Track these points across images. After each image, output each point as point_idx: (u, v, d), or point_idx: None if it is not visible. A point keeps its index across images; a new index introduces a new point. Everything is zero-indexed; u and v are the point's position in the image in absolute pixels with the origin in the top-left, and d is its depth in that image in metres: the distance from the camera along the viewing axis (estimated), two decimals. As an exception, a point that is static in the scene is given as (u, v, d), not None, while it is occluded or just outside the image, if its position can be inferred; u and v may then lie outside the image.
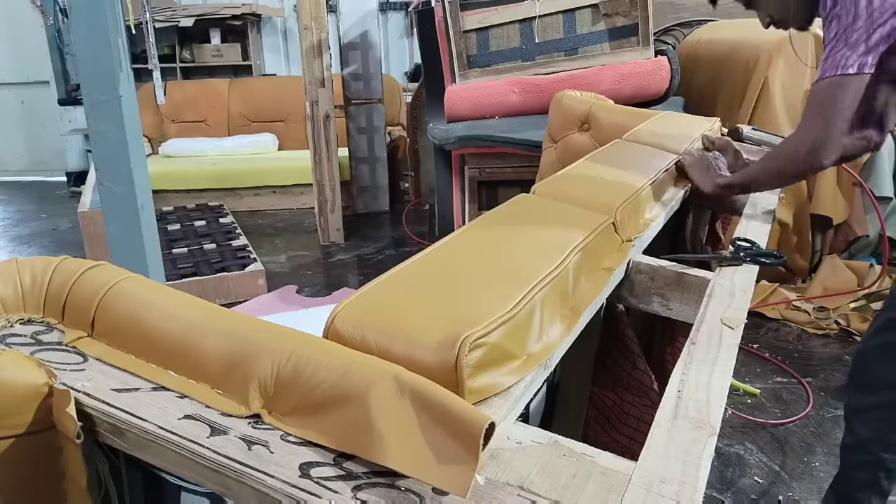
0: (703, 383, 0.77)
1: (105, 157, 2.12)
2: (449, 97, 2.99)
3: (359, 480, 0.56)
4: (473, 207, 2.89)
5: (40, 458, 0.67)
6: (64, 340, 0.76)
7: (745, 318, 0.97)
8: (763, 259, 1.11)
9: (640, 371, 1.15)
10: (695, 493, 0.58)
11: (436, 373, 0.64)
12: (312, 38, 3.94)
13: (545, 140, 2.15)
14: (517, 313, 0.74)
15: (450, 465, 0.54)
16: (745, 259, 1.11)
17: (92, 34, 1.98)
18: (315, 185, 4.16)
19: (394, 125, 5.54)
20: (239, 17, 6.01)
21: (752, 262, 1.11)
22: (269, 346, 0.67)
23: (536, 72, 3.02)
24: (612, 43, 3.01)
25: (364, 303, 0.76)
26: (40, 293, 0.80)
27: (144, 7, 2.70)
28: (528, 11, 3.00)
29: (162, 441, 0.61)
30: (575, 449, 0.63)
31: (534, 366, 0.74)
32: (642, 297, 1.16)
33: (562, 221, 1.09)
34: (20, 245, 4.41)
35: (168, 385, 0.69)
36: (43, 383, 0.66)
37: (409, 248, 4.18)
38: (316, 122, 4.05)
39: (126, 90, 2.07)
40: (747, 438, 2.14)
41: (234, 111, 5.75)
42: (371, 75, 4.63)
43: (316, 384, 0.62)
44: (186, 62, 6.12)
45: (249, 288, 3.34)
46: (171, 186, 4.92)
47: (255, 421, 0.63)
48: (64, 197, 5.67)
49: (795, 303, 2.97)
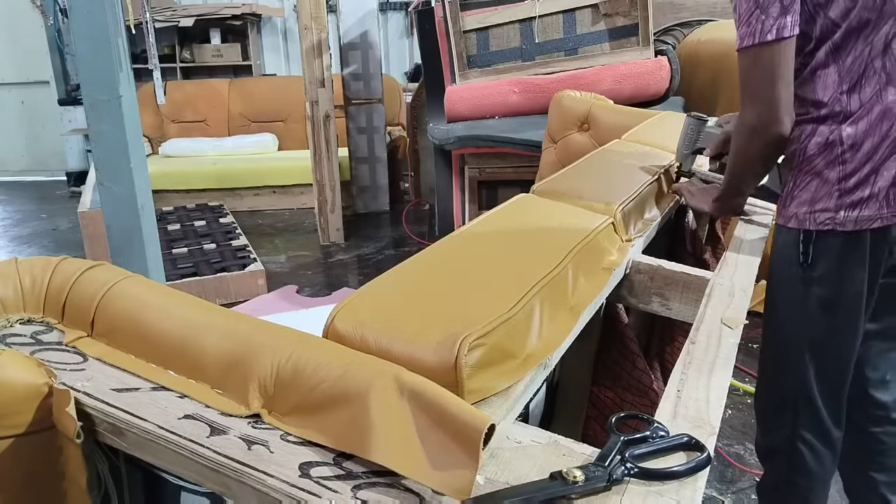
0: (702, 383, 0.78)
1: (105, 157, 2.12)
2: (449, 97, 2.99)
3: (358, 480, 0.56)
4: (473, 207, 2.89)
5: (40, 458, 0.67)
6: (64, 340, 0.76)
7: (745, 318, 0.97)
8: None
9: (639, 371, 1.15)
10: (694, 492, 0.58)
11: (435, 372, 0.64)
12: (312, 38, 3.94)
13: (545, 140, 2.15)
14: (517, 313, 0.74)
15: (450, 469, 0.54)
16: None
17: (92, 34, 1.98)
18: (315, 185, 4.16)
19: (394, 125, 5.54)
20: (239, 17, 6.01)
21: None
22: (269, 346, 0.67)
23: (536, 72, 3.02)
24: (612, 43, 3.01)
25: (364, 303, 0.76)
26: (40, 293, 0.80)
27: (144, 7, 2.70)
28: (528, 11, 3.00)
29: (162, 441, 0.61)
30: (574, 448, 0.64)
31: (533, 365, 0.74)
32: (642, 297, 1.16)
33: (562, 221, 1.09)
34: (20, 245, 4.41)
35: (168, 385, 0.69)
36: (43, 383, 0.66)
37: (409, 248, 4.18)
38: (316, 122, 4.05)
39: (126, 90, 2.07)
40: (747, 438, 2.13)
41: (234, 111, 5.75)
42: (371, 75, 4.63)
43: (316, 384, 0.62)
44: (186, 62, 6.11)
45: (249, 288, 3.33)
46: (171, 186, 4.91)
47: (254, 421, 0.63)
48: (64, 197, 5.67)
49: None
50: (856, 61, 1.08)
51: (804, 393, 1.23)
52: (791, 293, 1.21)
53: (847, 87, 1.10)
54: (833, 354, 1.21)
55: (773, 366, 1.30)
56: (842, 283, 1.15)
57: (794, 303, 1.21)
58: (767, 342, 1.31)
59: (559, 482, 0.56)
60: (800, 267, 1.17)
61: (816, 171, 1.13)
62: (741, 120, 1.15)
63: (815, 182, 1.14)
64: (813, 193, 1.14)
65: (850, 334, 1.19)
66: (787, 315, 1.23)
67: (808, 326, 1.20)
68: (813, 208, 1.13)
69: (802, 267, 1.17)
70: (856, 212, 1.10)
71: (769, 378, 1.33)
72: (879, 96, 1.09)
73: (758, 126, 1.11)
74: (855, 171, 1.10)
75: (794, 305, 1.21)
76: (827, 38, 1.09)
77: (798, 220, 1.15)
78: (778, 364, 1.28)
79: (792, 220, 1.17)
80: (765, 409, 1.35)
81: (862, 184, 1.10)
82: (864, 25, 1.06)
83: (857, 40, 1.07)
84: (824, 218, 1.12)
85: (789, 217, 1.17)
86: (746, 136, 1.15)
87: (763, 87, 1.09)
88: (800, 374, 1.22)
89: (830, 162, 1.11)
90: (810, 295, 1.17)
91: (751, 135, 1.14)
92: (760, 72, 1.08)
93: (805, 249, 1.15)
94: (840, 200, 1.11)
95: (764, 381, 1.35)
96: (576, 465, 0.59)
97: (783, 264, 1.21)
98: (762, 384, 1.36)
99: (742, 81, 1.12)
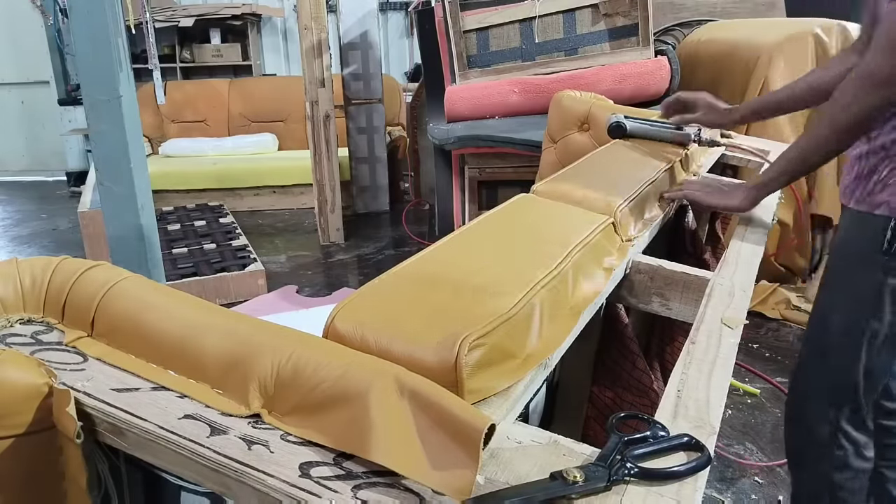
0: (702, 383, 0.78)
1: (105, 157, 2.12)
2: (449, 97, 2.99)
3: (359, 480, 0.56)
4: (473, 207, 2.89)
5: (40, 458, 0.67)
6: (64, 340, 0.76)
7: (745, 317, 0.97)
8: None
9: (639, 371, 1.15)
10: (694, 492, 0.58)
11: (435, 372, 0.64)
12: (312, 38, 3.94)
13: (545, 140, 2.15)
14: (517, 313, 0.74)
15: (450, 469, 0.54)
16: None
17: (92, 34, 1.98)
18: (315, 185, 4.16)
19: (394, 125, 5.54)
20: (239, 17, 6.01)
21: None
22: (269, 346, 0.67)
23: (536, 72, 3.02)
24: (612, 43, 3.01)
25: (364, 303, 0.76)
26: (40, 293, 0.80)
27: (144, 7, 2.70)
28: (528, 11, 3.00)
29: (162, 441, 0.61)
30: (575, 448, 0.63)
31: (533, 365, 0.74)
32: (642, 297, 1.16)
33: (562, 221, 1.09)
34: (20, 245, 4.41)
35: (168, 385, 0.69)
36: (43, 383, 0.66)
37: (409, 248, 4.18)
38: (316, 122, 4.05)
39: (126, 90, 2.07)
40: (747, 438, 2.14)
41: (234, 111, 5.75)
42: (371, 75, 4.63)
43: (316, 384, 0.62)
44: (186, 62, 6.12)
45: (249, 288, 3.34)
46: (171, 186, 4.92)
47: (254, 421, 0.63)
48: (64, 197, 5.67)
49: (795, 303, 2.97)
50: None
51: (851, 384, 1.21)
52: (867, 279, 1.19)
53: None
54: (889, 348, 1.19)
55: (822, 354, 1.27)
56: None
57: (868, 290, 1.18)
58: (820, 329, 1.28)
59: (559, 482, 0.56)
60: (882, 254, 1.16)
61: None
62: (865, 69, 1.06)
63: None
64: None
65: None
66: (856, 301, 1.21)
67: (876, 316, 1.18)
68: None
69: (886, 254, 1.15)
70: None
71: (815, 367, 1.29)
72: None
73: (886, 79, 1.03)
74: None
75: (868, 292, 1.19)
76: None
77: (890, 207, 1.15)
78: (829, 352, 1.25)
79: (882, 206, 1.16)
80: (802, 403, 1.32)
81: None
82: None
83: None
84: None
85: (878, 204, 1.16)
86: (862, 87, 1.07)
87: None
88: (850, 364, 1.20)
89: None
90: (887, 284, 1.16)
91: (875, 86, 1.05)
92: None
93: (893, 237, 1.14)
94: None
95: (807, 371, 1.31)
96: (576, 465, 0.59)
97: (864, 249, 1.19)
98: (802, 375, 1.32)
99: (886, 30, 1.03)
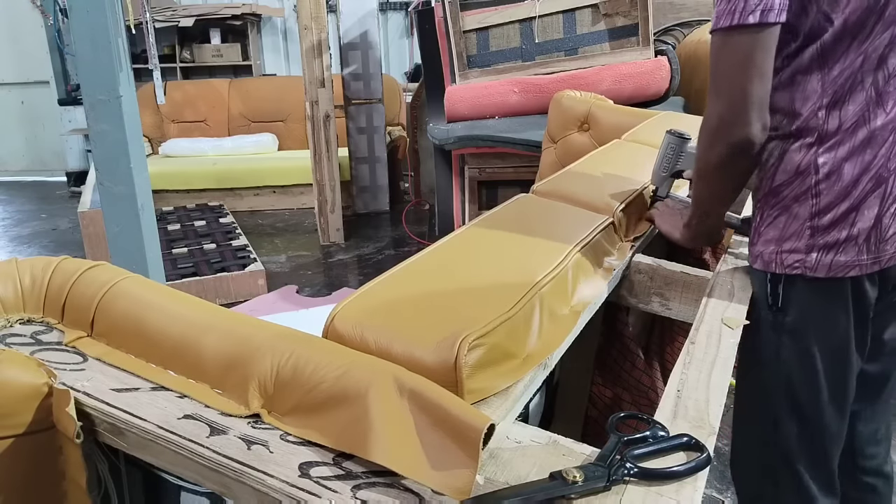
0: (702, 383, 0.78)
1: (105, 157, 2.12)
2: (449, 97, 2.99)
3: (358, 480, 0.56)
4: (473, 207, 2.89)
5: (40, 458, 0.67)
6: (64, 340, 0.76)
7: (745, 317, 0.97)
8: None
9: (639, 371, 1.16)
10: (694, 492, 0.58)
11: (435, 372, 0.64)
12: (312, 38, 3.94)
13: (545, 140, 2.15)
14: (517, 313, 0.74)
15: (450, 469, 0.54)
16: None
17: (92, 34, 1.98)
18: (315, 185, 4.16)
19: (394, 125, 5.54)
20: (239, 17, 6.01)
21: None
22: (269, 346, 0.67)
23: (536, 72, 3.02)
24: (612, 43, 3.01)
25: (364, 303, 0.76)
26: (40, 293, 0.80)
27: (144, 7, 2.70)
28: (528, 11, 3.00)
29: (162, 441, 0.61)
30: (574, 448, 0.64)
31: (533, 365, 0.74)
32: (642, 297, 1.16)
33: (562, 221, 1.10)
34: (20, 245, 4.41)
35: (168, 385, 0.69)
36: (43, 383, 0.66)
37: (409, 248, 4.18)
38: (316, 122, 4.05)
39: (126, 90, 2.07)
40: (747, 438, 2.14)
41: (234, 111, 5.75)
42: (371, 75, 4.63)
43: (315, 384, 0.62)
44: (186, 62, 6.11)
45: (249, 288, 3.33)
46: (171, 186, 4.91)
47: (254, 421, 0.63)
48: (64, 197, 5.67)
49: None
50: (843, 72, 0.90)
51: (784, 458, 1.05)
52: (764, 340, 1.03)
53: (828, 101, 0.91)
54: (816, 413, 1.02)
55: (748, 426, 1.13)
56: (819, 331, 0.98)
57: (767, 352, 1.03)
58: (741, 398, 1.13)
59: (559, 482, 0.56)
60: (769, 311, 1.01)
61: (785, 204, 0.97)
62: (703, 119, 0.94)
63: (783, 217, 0.97)
64: (781, 231, 0.97)
65: (837, 390, 1.00)
66: (761, 366, 1.05)
67: (785, 381, 1.02)
68: (780, 248, 0.97)
69: (773, 311, 1.00)
70: (830, 256, 0.94)
71: (744, 439, 1.15)
72: (865, 118, 0.91)
73: (720, 125, 0.90)
74: (830, 207, 0.93)
75: (768, 355, 1.03)
76: (816, 37, 0.90)
77: (763, 260, 1.00)
78: (753, 424, 1.11)
79: (758, 260, 1.01)
80: (742, 476, 1.18)
81: (838, 223, 0.93)
82: (859, 28, 0.88)
83: (850, 47, 0.89)
84: (793, 260, 0.96)
85: (755, 256, 1.02)
86: (706, 139, 0.94)
87: (734, 77, 0.88)
88: (779, 435, 1.04)
89: (801, 194, 0.94)
90: (783, 344, 1.00)
91: (712, 136, 0.93)
92: (734, 58, 0.88)
93: (774, 292, 0.99)
94: (811, 241, 0.95)
95: (739, 442, 1.17)
96: (575, 464, 0.59)
97: (755, 307, 1.04)
98: (737, 446, 1.18)
99: (711, 71, 0.91)
